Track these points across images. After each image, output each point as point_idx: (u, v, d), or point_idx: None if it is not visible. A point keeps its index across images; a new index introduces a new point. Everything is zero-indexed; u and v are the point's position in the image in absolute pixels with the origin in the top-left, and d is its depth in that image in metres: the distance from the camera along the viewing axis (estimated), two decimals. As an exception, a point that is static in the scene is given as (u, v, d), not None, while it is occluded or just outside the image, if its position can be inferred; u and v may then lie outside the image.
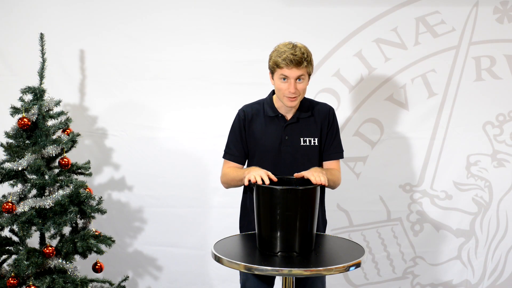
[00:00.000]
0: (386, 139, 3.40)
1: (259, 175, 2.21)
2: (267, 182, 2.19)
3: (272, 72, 2.42)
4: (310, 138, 2.48)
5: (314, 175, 2.22)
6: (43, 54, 2.84)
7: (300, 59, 2.32)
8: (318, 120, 2.51)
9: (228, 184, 2.53)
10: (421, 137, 3.40)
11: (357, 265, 2.07)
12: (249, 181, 2.24)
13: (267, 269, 1.99)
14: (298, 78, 2.35)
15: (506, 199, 3.46)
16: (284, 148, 2.47)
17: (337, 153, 2.55)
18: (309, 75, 2.41)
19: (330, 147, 2.53)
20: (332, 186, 2.52)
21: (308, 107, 2.52)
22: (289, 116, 2.50)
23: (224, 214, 3.34)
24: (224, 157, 2.57)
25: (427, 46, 3.34)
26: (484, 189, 3.44)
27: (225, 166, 2.57)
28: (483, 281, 3.50)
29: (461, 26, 3.33)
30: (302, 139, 2.48)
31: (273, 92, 2.54)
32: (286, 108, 2.47)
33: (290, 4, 3.30)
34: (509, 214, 3.47)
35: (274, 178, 2.24)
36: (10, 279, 2.63)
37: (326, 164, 2.54)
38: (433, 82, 3.37)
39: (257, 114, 2.52)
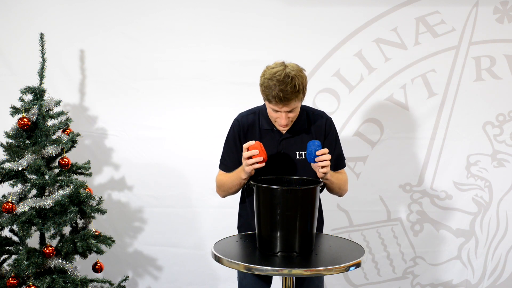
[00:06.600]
0: (386, 139, 3.40)
1: (252, 164, 2.20)
2: (260, 165, 2.20)
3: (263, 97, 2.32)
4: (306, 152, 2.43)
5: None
6: (43, 54, 2.84)
7: (290, 97, 2.20)
8: (314, 133, 2.43)
9: (227, 192, 2.48)
10: (421, 137, 3.40)
11: (357, 265, 2.07)
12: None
13: (267, 269, 1.99)
14: (289, 110, 2.28)
15: (506, 199, 3.46)
16: (279, 162, 2.42)
17: (339, 163, 2.49)
18: (302, 100, 2.31)
19: (331, 158, 2.35)
20: (338, 192, 2.47)
21: (304, 119, 2.43)
22: (284, 129, 2.41)
23: (224, 214, 3.34)
24: (220, 167, 2.53)
25: (427, 46, 3.34)
26: (484, 189, 3.44)
27: (218, 176, 2.51)
28: (483, 281, 3.50)
29: (461, 26, 3.33)
30: (298, 152, 2.42)
31: None
32: None
33: (290, 4, 3.30)
34: (509, 214, 3.47)
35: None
36: (10, 279, 2.63)
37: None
38: (433, 82, 3.37)
39: (252, 126, 2.44)
